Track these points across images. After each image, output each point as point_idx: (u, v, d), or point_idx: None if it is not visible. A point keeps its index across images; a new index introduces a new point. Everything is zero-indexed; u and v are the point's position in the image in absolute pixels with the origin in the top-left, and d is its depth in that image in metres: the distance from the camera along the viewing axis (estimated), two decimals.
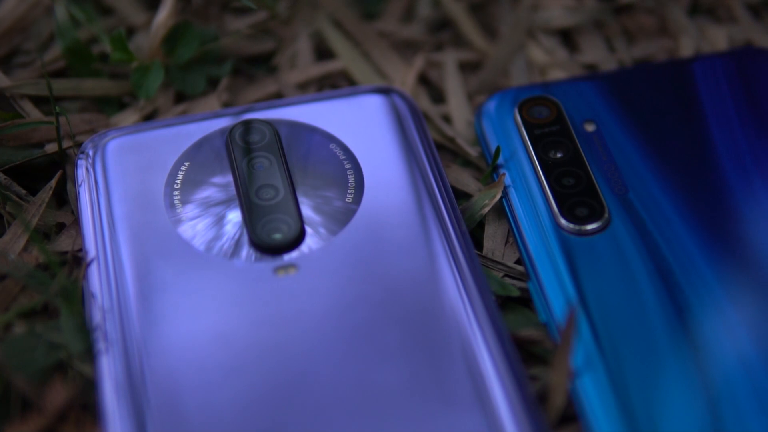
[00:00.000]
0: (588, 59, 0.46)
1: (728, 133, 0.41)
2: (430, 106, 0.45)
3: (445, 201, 0.40)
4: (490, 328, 0.36)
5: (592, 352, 0.36)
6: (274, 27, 0.47)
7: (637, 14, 0.47)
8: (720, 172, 0.40)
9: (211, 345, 0.36)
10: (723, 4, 0.48)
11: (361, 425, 0.34)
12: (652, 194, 0.40)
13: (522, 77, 0.45)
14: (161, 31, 0.44)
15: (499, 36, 0.47)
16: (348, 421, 0.34)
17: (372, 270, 0.38)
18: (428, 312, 0.37)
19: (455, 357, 0.36)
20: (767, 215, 0.39)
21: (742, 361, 0.36)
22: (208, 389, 0.35)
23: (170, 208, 0.39)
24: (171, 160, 0.40)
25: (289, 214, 0.39)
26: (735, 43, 0.46)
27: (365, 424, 0.34)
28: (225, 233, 0.39)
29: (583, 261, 0.38)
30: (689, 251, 0.38)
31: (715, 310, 0.37)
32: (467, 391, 0.35)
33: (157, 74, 0.43)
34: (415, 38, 0.47)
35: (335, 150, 0.41)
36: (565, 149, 0.41)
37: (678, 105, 0.42)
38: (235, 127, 0.41)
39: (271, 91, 0.45)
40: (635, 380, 0.35)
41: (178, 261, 0.38)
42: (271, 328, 0.36)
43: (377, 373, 0.35)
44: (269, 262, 0.38)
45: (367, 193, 0.40)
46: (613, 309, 0.37)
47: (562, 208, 0.39)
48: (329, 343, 0.36)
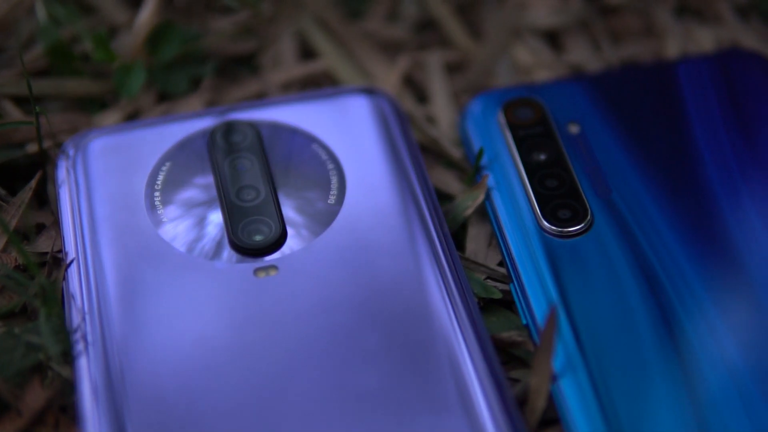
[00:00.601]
0: (574, 60, 0.46)
1: (713, 136, 0.41)
2: (414, 107, 0.44)
3: (428, 203, 0.39)
4: (470, 330, 0.36)
5: (573, 355, 0.36)
6: (258, 26, 0.47)
7: (624, 15, 0.47)
8: (704, 175, 0.40)
9: (189, 346, 0.36)
10: (710, 6, 0.47)
11: (340, 427, 0.34)
12: (636, 196, 0.39)
13: (507, 78, 0.45)
14: (143, 30, 0.44)
15: (485, 36, 0.46)
16: (327, 423, 0.34)
17: (353, 271, 0.37)
18: (409, 314, 0.36)
19: (436, 360, 0.35)
20: (751, 217, 0.39)
21: (725, 363, 0.36)
22: (186, 391, 0.35)
23: (151, 208, 0.39)
24: (152, 161, 0.40)
25: (270, 216, 0.39)
26: (721, 45, 0.46)
27: (344, 426, 0.34)
28: (206, 234, 0.38)
29: (565, 263, 0.38)
30: (672, 254, 0.38)
31: (698, 312, 0.37)
32: (447, 394, 0.35)
33: (139, 74, 0.43)
34: (400, 38, 0.47)
35: (317, 151, 0.40)
36: (548, 151, 0.41)
37: (663, 107, 0.42)
38: (216, 128, 0.41)
39: (254, 90, 0.45)
40: (617, 383, 0.35)
41: (159, 262, 0.38)
42: (250, 329, 0.36)
43: (357, 375, 0.35)
44: (250, 263, 0.38)
45: (349, 195, 0.39)
46: (595, 311, 0.37)
47: (544, 210, 0.39)
48: (309, 344, 0.36)
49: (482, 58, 0.46)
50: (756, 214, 0.39)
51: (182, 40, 0.44)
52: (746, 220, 0.39)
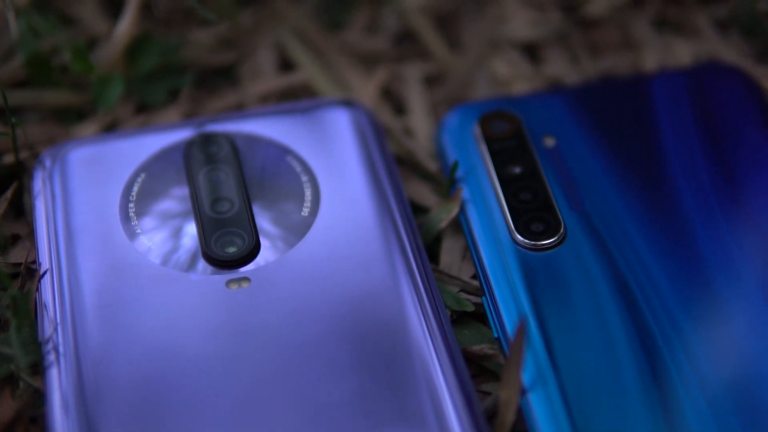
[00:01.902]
0: (552, 72, 0.46)
1: (689, 150, 0.41)
2: (392, 119, 0.44)
3: (402, 215, 0.39)
4: (441, 344, 0.36)
5: (545, 368, 0.36)
6: (238, 38, 0.47)
7: (602, 28, 0.47)
8: (678, 189, 0.40)
9: (161, 358, 0.36)
10: (689, 19, 0.47)
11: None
12: (610, 210, 0.40)
13: (486, 90, 0.45)
14: (122, 41, 0.44)
15: (464, 48, 0.47)
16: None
17: (326, 283, 0.37)
18: (381, 327, 0.36)
19: (406, 373, 0.35)
20: (724, 233, 0.39)
21: (698, 378, 0.35)
22: (157, 402, 0.35)
23: (125, 220, 0.39)
24: (127, 172, 0.40)
25: (244, 228, 0.39)
26: (700, 58, 0.46)
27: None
28: (180, 246, 0.38)
29: (537, 276, 0.38)
30: (646, 268, 0.38)
31: (671, 326, 0.37)
32: (417, 407, 0.35)
33: (117, 85, 0.43)
34: (380, 50, 0.47)
35: (292, 163, 0.40)
36: (523, 164, 0.41)
37: (640, 120, 0.42)
38: (192, 140, 0.41)
39: (232, 102, 0.45)
40: (588, 397, 0.35)
41: (132, 274, 0.38)
42: (221, 341, 0.36)
43: (326, 388, 0.35)
44: (223, 275, 0.38)
45: (323, 207, 0.39)
46: (567, 324, 0.37)
47: (517, 223, 0.39)
48: (280, 356, 0.36)
49: (461, 71, 0.46)
50: (730, 230, 0.39)
51: (161, 52, 0.44)
52: (719, 236, 0.39)
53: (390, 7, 0.48)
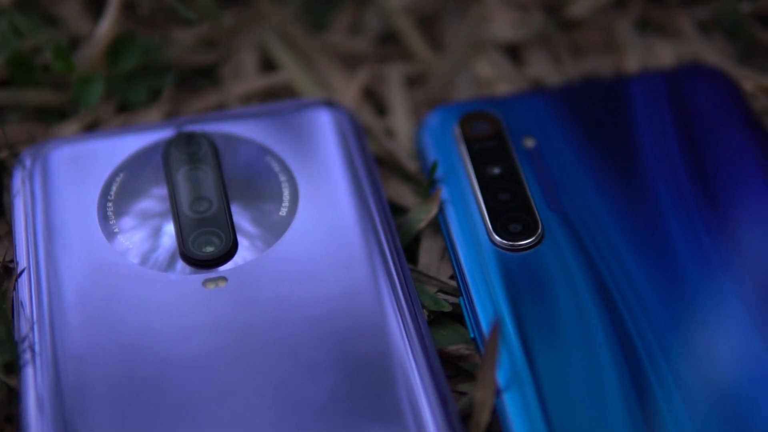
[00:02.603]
0: (534, 73, 0.46)
1: (669, 151, 0.41)
2: (373, 119, 0.44)
3: (380, 215, 0.39)
4: (417, 344, 0.36)
5: (521, 369, 0.36)
6: (220, 38, 0.47)
7: (585, 29, 0.47)
8: (658, 191, 0.40)
9: (136, 358, 0.36)
10: (672, 21, 0.47)
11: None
12: (589, 211, 0.39)
13: (468, 91, 0.45)
14: (103, 41, 0.44)
15: (446, 49, 0.47)
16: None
17: (303, 283, 0.37)
18: (357, 327, 0.36)
19: (380, 373, 0.35)
20: (703, 234, 0.39)
21: (676, 380, 0.35)
22: (132, 402, 0.35)
23: (104, 219, 0.39)
24: (106, 172, 0.40)
25: (222, 227, 0.39)
26: (682, 60, 0.46)
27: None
28: (158, 246, 0.38)
29: (515, 277, 0.38)
30: (624, 269, 0.38)
31: (649, 326, 0.37)
32: (391, 407, 0.35)
33: (98, 85, 0.43)
34: (362, 51, 0.47)
35: (271, 163, 0.40)
36: (502, 165, 0.41)
37: (620, 121, 0.42)
38: (171, 139, 0.41)
39: (214, 102, 0.45)
40: (565, 398, 0.35)
41: (110, 274, 0.38)
42: (198, 340, 0.36)
43: (301, 387, 0.35)
44: (201, 275, 0.38)
45: (301, 207, 0.39)
46: (544, 325, 0.37)
47: (495, 223, 0.39)
48: (255, 356, 0.36)
49: (443, 71, 0.46)
50: (708, 232, 0.39)
51: (142, 52, 0.44)
52: (698, 238, 0.39)
53: (373, 8, 0.48)
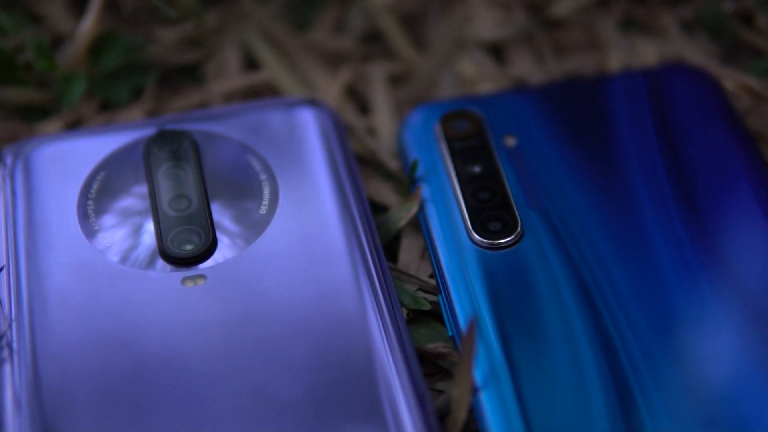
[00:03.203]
0: (517, 72, 0.46)
1: (651, 151, 0.41)
2: (356, 118, 0.44)
3: (360, 214, 0.39)
4: (395, 342, 0.36)
5: (499, 367, 0.36)
6: (203, 37, 0.47)
7: (568, 28, 0.47)
8: (639, 189, 0.40)
9: (114, 356, 0.36)
10: (655, 20, 0.47)
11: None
12: (570, 209, 0.39)
13: (451, 90, 0.45)
14: (85, 40, 0.44)
15: (429, 48, 0.47)
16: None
17: (281, 281, 0.37)
18: (335, 325, 0.36)
19: (358, 371, 0.35)
20: (683, 233, 0.39)
21: (655, 378, 0.35)
22: (109, 400, 0.35)
23: (84, 218, 0.39)
24: (87, 170, 0.40)
25: (201, 225, 0.39)
26: (665, 59, 0.46)
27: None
28: (137, 244, 0.38)
29: (494, 275, 0.38)
30: (604, 267, 0.38)
31: (628, 325, 0.37)
32: (368, 405, 0.35)
33: (80, 83, 0.43)
34: (346, 50, 0.47)
35: (252, 161, 0.40)
36: (483, 163, 0.41)
37: (602, 120, 0.42)
38: (152, 137, 0.41)
39: (196, 101, 0.45)
40: (543, 397, 0.35)
41: (89, 272, 0.38)
42: (176, 339, 0.36)
43: (278, 385, 0.35)
44: (180, 273, 0.38)
45: (281, 205, 0.39)
46: (523, 323, 0.37)
47: (475, 222, 0.39)
48: (233, 354, 0.36)
49: (425, 70, 0.46)
50: (689, 230, 0.39)
51: (125, 50, 0.44)
52: (678, 236, 0.39)
53: (356, 7, 0.48)
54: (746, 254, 0.38)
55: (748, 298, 0.37)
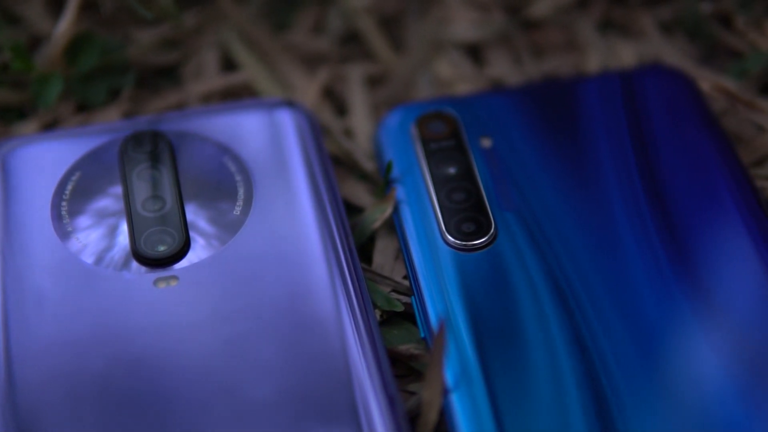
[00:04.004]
0: (495, 74, 0.46)
1: (626, 151, 0.41)
2: (333, 119, 0.44)
3: (335, 215, 0.39)
4: (367, 343, 0.36)
5: (472, 369, 0.36)
6: (182, 38, 0.47)
7: (546, 29, 0.47)
8: (614, 191, 0.40)
9: (86, 357, 0.36)
10: (634, 21, 0.47)
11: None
12: (544, 211, 0.39)
13: (428, 91, 0.45)
14: (62, 41, 0.44)
15: (406, 49, 0.47)
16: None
17: (254, 282, 0.37)
18: (306, 326, 0.36)
19: (329, 373, 0.35)
20: (657, 234, 0.39)
21: (628, 379, 0.35)
22: (81, 401, 0.35)
23: (57, 219, 0.39)
24: (62, 171, 0.40)
25: (174, 226, 0.39)
26: (644, 60, 0.46)
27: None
28: (111, 246, 0.38)
29: (467, 276, 0.38)
30: (577, 268, 0.38)
31: (601, 327, 0.37)
32: (339, 407, 0.35)
33: (56, 84, 0.43)
34: (324, 51, 0.47)
35: (227, 162, 0.40)
36: (458, 165, 0.41)
37: (578, 121, 0.42)
38: (127, 138, 0.41)
39: (174, 102, 0.45)
40: (514, 399, 0.35)
41: (61, 273, 0.38)
42: (148, 340, 0.36)
43: (249, 386, 0.35)
44: (154, 274, 0.38)
45: (255, 206, 0.39)
46: (495, 325, 0.37)
47: (448, 223, 0.39)
48: (204, 355, 0.36)
49: (403, 71, 0.46)
50: (662, 232, 0.39)
51: (102, 51, 0.44)
52: (652, 237, 0.39)
53: (336, 9, 0.48)
54: (720, 257, 0.38)
55: (720, 301, 0.37)
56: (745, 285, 0.38)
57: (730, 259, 0.38)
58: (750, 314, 0.37)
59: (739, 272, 0.38)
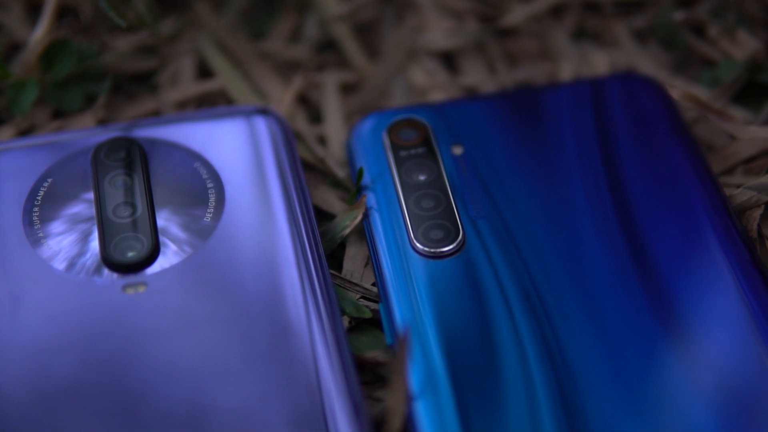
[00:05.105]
0: (469, 82, 0.46)
1: (596, 159, 0.41)
2: (307, 127, 0.45)
3: (305, 222, 0.40)
4: (334, 350, 0.36)
5: (439, 376, 0.36)
6: (158, 45, 0.47)
7: (520, 37, 0.47)
8: (584, 198, 0.40)
9: (53, 363, 0.36)
10: (608, 29, 0.48)
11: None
12: (513, 219, 0.40)
13: (402, 99, 0.46)
14: (38, 47, 0.44)
15: (381, 57, 0.47)
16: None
17: (222, 288, 0.38)
18: (272, 332, 0.37)
19: (294, 379, 0.36)
20: (624, 243, 0.39)
21: (596, 387, 0.36)
22: (47, 407, 0.35)
23: (29, 225, 0.39)
24: (34, 177, 0.40)
25: (144, 232, 0.39)
26: (617, 68, 0.46)
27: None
28: (83, 252, 0.39)
29: (435, 283, 0.38)
30: (545, 276, 0.38)
31: (568, 334, 0.37)
32: (303, 414, 0.35)
33: (32, 91, 0.44)
34: (300, 58, 0.47)
35: (199, 169, 0.41)
36: (428, 172, 0.41)
37: (549, 130, 0.42)
38: (100, 145, 0.41)
39: (149, 108, 0.45)
40: (480, 406, 0.35)
41: (31, 280, 0.38)
42: (114, 345, 0.36)
43: (215, 392, 0.35)
44: (123, 280, 0.38)
45: (226, 213, 0.40)
46: (462, 332, 0.37)
47: (416, 230, 0.39)
48: (170, 360, 0.36)
49: (378, 79, 0.46)
50: (631, 239, 0.39)
51: (78, 58, 0.45)
52: (620, 246, 0.39)
53: (313, 16, 0.48)
54: (686, 265, 0.38)
55: (686, 309, 0.37)
56: (711, 293, 0.38)
57: (697, 266, 0.38)
58: (715, 321, 0.37)
59: (706, 281, 0.38)
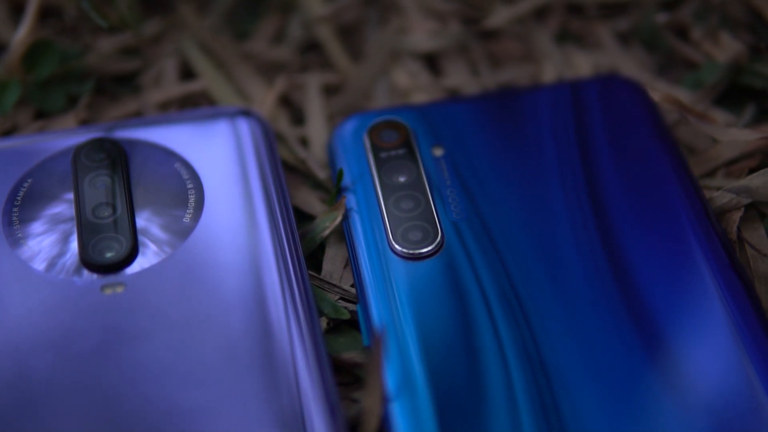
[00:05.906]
0: (452, 83, 0.46)
1: (578, 162, 0.41)
2: (289, 128, 0.45)
3: (284, 224, 0.40)
4: (310, 351, 0.36)
5: (416, 377, 0.36)
6: (142, 46, 0.47)
7: (503, 39, 0.47)
8: (564, 200, 0.40)
9: (29, 363, 0.36)
10: (591, 32, 0.48)
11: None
12: (492, 220, 0.40)
13: (385, 100, 0.46)
14: (20, 48, 0.44)
15: (364, 59, 0.47)
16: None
17: (200, 289, 0.38)
18: (250, 334, 0.37)
19: (270, 380, 0.36)
20: (604, 246, 0.39)
21: (576, 389, 0.36)
22: (22, 408, 0.35)
23: (8, 226, 0.39)
24: (14, 178, 0.41)
25: (123, 233, 0.39)
26: (601, 71, 0.46)
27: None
28: (63, 252, 0.39)
29: (414, 285, 0.38)
30: (524, 278, 0.38)
31: (547, 337, 0.37)
32: (279, 414, 0.35)
33: (14, 91, 0.44)
34: (283, 59, 0.47)
35: (179, 170, 0.41)
36: (408, 173, 0.41)
37: (530, 131, 0.42)
38: (81, 146, 0.41)
39: (131, 109, 0.45)
40: (457, 408, 0.35)
41: (10, 279, 0.38)
42: (91, 345, 0.36)
43: (189, 394, 0.35)
44: (102, 280, 0.38)
45: (205, 214, 0.40)
46: (439, 333, 0.37)
47: (395, 232, 0.39)
48: (146, 361, 0.36)
49: (361, 80, 0.46)
50: (611, 242, 0.39)
51: (60, 59, 0.45)
52: (600, 249, 0.39)
53: (296, 18, 0.48)
54: (667, 266, 0.38)
55: (664, 310, 0.37)
56: (689, 295, 0.38)
57: (676, 269, 0.38)
58: (694, 324, 0.37)
59: (684, 283, 0.38)
